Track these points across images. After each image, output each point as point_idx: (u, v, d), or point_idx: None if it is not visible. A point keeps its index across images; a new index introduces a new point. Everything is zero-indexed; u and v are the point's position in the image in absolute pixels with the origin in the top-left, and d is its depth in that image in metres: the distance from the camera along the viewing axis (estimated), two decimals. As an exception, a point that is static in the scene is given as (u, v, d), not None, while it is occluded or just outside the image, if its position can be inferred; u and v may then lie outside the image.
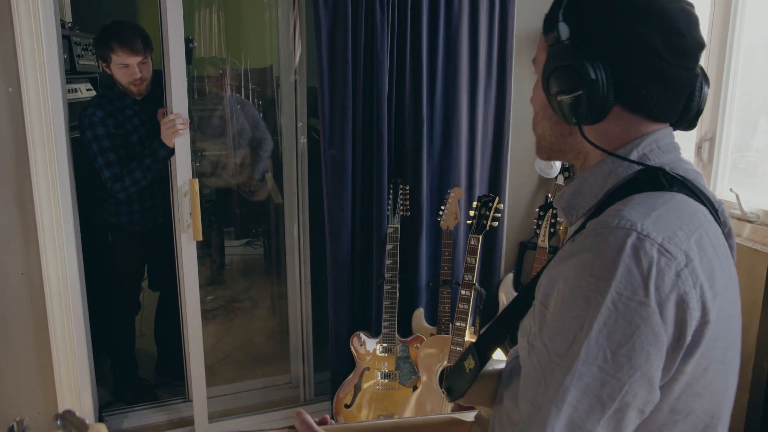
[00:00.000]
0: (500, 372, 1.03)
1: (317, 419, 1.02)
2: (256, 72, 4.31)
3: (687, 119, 0.92)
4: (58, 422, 0.79)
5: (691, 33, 0.85)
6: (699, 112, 0.92)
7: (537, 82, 0.96)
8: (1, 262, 2.27)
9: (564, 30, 0.86)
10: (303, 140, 2.89)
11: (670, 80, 0.85)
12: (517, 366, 0.97)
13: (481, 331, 1.10)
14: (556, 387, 0.77)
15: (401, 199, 2.61)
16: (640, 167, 0.88)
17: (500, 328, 1.02)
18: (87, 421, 0.79)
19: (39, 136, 2.21)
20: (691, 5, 0.88)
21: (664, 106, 0.87)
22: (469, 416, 1.12)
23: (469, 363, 1.02)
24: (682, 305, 0.75)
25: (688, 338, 0.77)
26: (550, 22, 0.88)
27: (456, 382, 1.04)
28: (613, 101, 0.85)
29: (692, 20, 0.86)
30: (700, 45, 0.87)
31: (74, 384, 2.40)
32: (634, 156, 0.88)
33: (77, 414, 0.78)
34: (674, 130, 0.93)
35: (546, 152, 1.00)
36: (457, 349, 2.33)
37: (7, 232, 2.26)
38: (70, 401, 2.38)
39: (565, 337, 0.78)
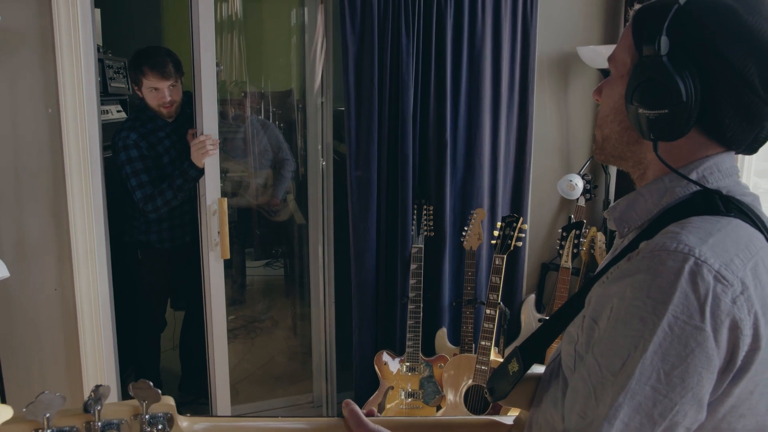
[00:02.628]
0: (539, 376, 1.05)
1: (364, 411, 1.05)
2: (277, 95, 4.39)
3: (752, 147, 0.91)
4: (132, 392, 0.82)
5: None
6: (765, 140, 0.91)
7: (611, 80, 0.95)
8: (36, 278, 2.32)
9: (665, 44, 0.84)
10: (323, 162, 2.94)
11: (755, 114, 0.85)
12: (557, 370, 0.99)
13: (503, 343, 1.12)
14: (608, 404, 0.79)
15: (425, 220, 2.65)
16: (697, 188, 0.88)
17: (546, 333, 1.04)
18: (159, 392, 0.83)
19: (75, 155, 2.28)
20: None
21: (740, 137, 0.87)
22: (508, 419, 1.14)
23: (513, 366, 1.04)
24: (735, 331, 0.77)
25: (739, 363, 0.78)
26: (651, 31, 0.85)
27: (499, 384, 1.06)
28: (694, 124, 0.85)
29: None
30: None
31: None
32: (693, 177, 0.88)
33: (151, 384, 0.82)
34: (736, 153, 0.93)
35: (605, 155, 0.99)
36: (483, 368, 2.34)
37: (42, 248, 2.31)
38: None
39: (618, 355, 0.80)
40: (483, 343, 2.35)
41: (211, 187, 2.53)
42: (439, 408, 2.55)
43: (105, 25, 3.70)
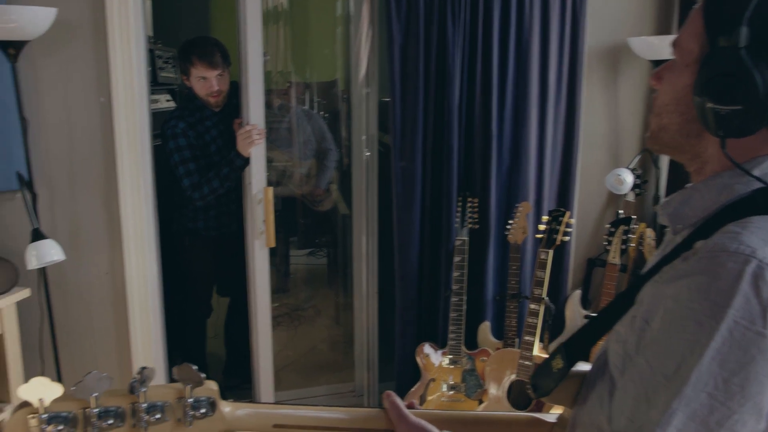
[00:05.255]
0: (584, 374, 1.03)
1: (406, 403, 1.04)
2: (321, 85, 4.41)
3: None
4: (176, 375, 0.84)
5: None
6: None
7: (674, 67, 0.90)
8: (89, 261, 2.39)
9: (744, 35, 0.79)
10: (367, 152, 2.94)
11: None
12: (603, 368, 0.96)
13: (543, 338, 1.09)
14: (661, 409, 0.76)
15: (469, 212, 2.62)
16: (758, 186, 0.83)
17: (593, 331, 1.01)
18: (203, 376, 0.84)
19: (126, 143, 2.34)
20: None
21: None
22: (551, 417, 1.12)
23: (557, 363, 1.01)
24: None
25: None
26: (728, 20, 0.80)
27: (542, 381, 1.04)
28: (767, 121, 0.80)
29: None
30: None
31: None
32: (755, 173, 0.83)
33: (195, 368, 0.83)
34: None
35: (661, 146, 0.95)
36: (526, 363, 2.32)
37: (94, 234, 2.38)
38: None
39: (672, 359, 0.77)
40: (527, 338, 2.32)
41: (257, 176, 2.56)
42: (480, 402, 2.53)
43: (155, 15, 3.78)
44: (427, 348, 2.63)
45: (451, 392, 2.58)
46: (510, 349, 2.48)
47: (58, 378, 2.32)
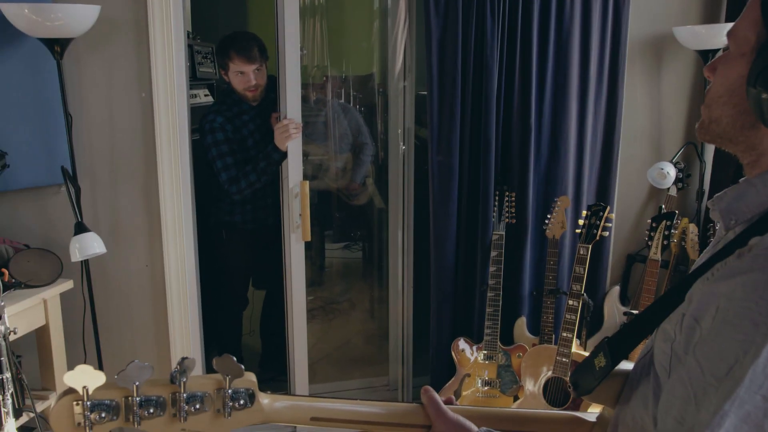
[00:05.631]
0: (627, 372, 1.00)
1: (444, 398, 1.03)
2: (358, 79, 4.41)
3: None
4: (216, 366, 0.85)
5: None
6: None
7: (728, 57, 0.87)
8: (129, 254, 2.44)
9: None
10: (402, 146, 2.93)
11: None
12: (648, 367, 0.93)
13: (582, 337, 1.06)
14: (712, 411, 0.74)
15: (507, 207, 2.59)
16: None
17: (638, 329, 0.98)
18: (242, 367, 0.85)
19: (166, 138, 2.37)
20: None
21: None
22: (590, 416, 1.10)
23: (600, 360, 0.99)
24: None
25: None
26: None
27: (583, 379, 1.01)
28: None
29: None
30: None
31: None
32: None
33: (234, 360, 0.84)
34: None
35: (712, 137, 0.91)
36: (563, 359, 2.28)
37: (134, 227, 2.43)
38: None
39: (724, 360, 0.74)
40: (564, 334, 2.28)
41: (293, 170, 2.57)
42: (516, 398, 2.51)
43: (194, 11, 3.83)
44: (462, 343, 2.62)
45: (486, 388, 2.56)
46: (547, 345, 2.45)
47: (100, 368, 2.37)
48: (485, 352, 2.57)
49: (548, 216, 2.55)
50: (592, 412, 1.14)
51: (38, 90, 2.23)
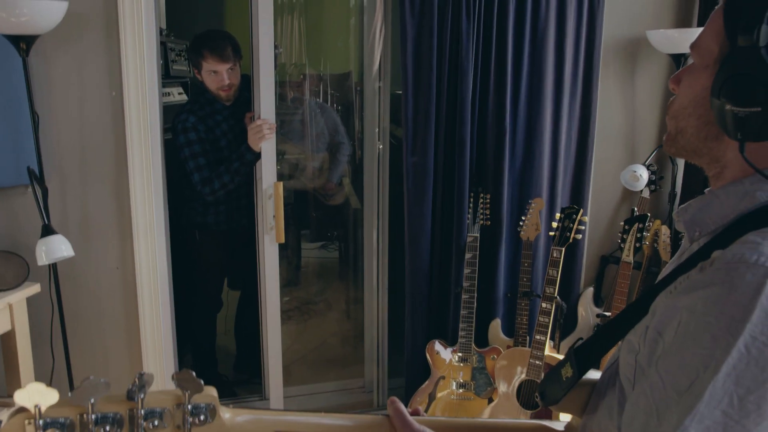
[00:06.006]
0: (594, 382, 1.00)
1: (410, 410, 1.02)
2: (335, 78, 4.39)
3: None
4: (175, 381, 0.82)
5: None
6: None
7: (692, 69, 0.87)
8: (99, 256, 2.39)
9: (765, 34, 0.75)
10: (381, 146, 2.92)
11: None
12: (614, 378, 0.94)
13: (578, 342, 1.06)
14: (672, 425, 0.74)
15: (481, 208, 2.59)
16: None
17: (604, 340, 0.98)
18: (202, 382, 0.83)
19: (137, 137, 2.33)
20: None
21: None
22: (559, 425, 1.10)
23: (567, 371, 0.99)
24: None
25: None
26: (749, 19, 0.77)
27: (551, 389, 1.01)
28: None
29: None
30: None
31: (160, 376, 2.50)
32: None
33: (194, 375, 0.82)
34: None
35: (677, 149, 0.92)
36: (537, 362, 2.29)
37: (104, 228, 2.38)
38: (157, 389, 2.49)
39: (685, 374, 0.74)
40: (538, 337, 2.29)
41: (267, 171, 2.54)
42: (490, 400, 2.51)
43: (168, 8, 3.78)
44: (437, 345, 2.62)
45: (461, 390, 2.56)
46: (521, 347, 2.46)
47: (69, 373, 2.33)
48: (460, 354, 2.57)
49: (523, 218, 2.55)
50: (563, 420, 1.14)
51: (3, 88, 2.17)
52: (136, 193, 2.37)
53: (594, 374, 1.02)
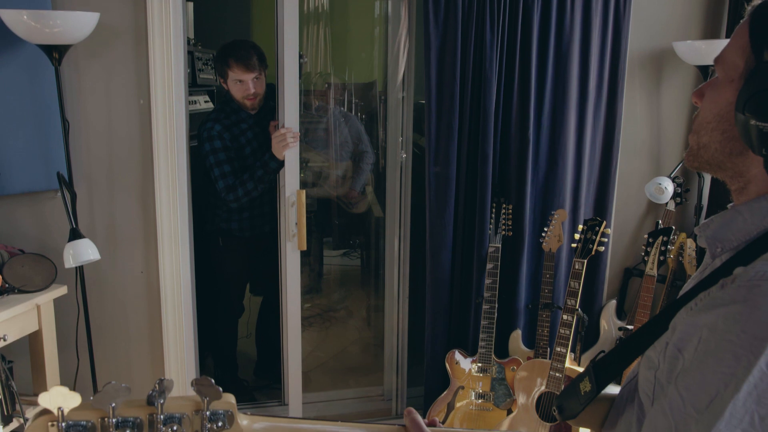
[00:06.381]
0: (613, 397, 1.00)
1: (426, 420, 1.02)
2: (360, 87, 4.42)
3: None
4: (194, 388, 0.84)
5: None
6: None
7: (716, 83, 0.87)
8: (125, 260, 2.44)
9: None
10: (403, 154, 2.93)
11: None
12: (633, 394, 0.93)
13: (599, 356, 1.05)
14: None
15: (503, 219, 2.59)
16: None
17: (624, 355, 0.98)
18: (220, 389, 0.84)
19: (164, 144, 2.37)
20: None
21: None
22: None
23: (585, 385, 0.98)
24: None
25: None
26: None
27: (569, 403, 1.01)
28: None
29: None
30: None
31: (182, 380, 2.53)
32: None
33: (212, 382, 0.83)
34: None
35: (700, 163, 0.90)
36: (557, 375, 2.27)
37: (130, 233, 2.43)
38: (177, 395, 2.52)
39: (706, 392, 0.74)
40: (558, 349, 2.27)
41: (290, 179, 2.57)
42: (509, 411, 2.49)
43: (197, 18, 3.84)
44: (457, 355, 2.61)
45: (480, 400, 2.55)
46: (541, 359, 2.44)
47: (93, 374, 2.37)
48: (479, 364, 2.56)
49: (545, 229, 2.54)
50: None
51: (36, 96, 2.24)
52: (161, 200, 2.41)
53: (613, 389, 1.01)
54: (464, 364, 2.59)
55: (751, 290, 0.73)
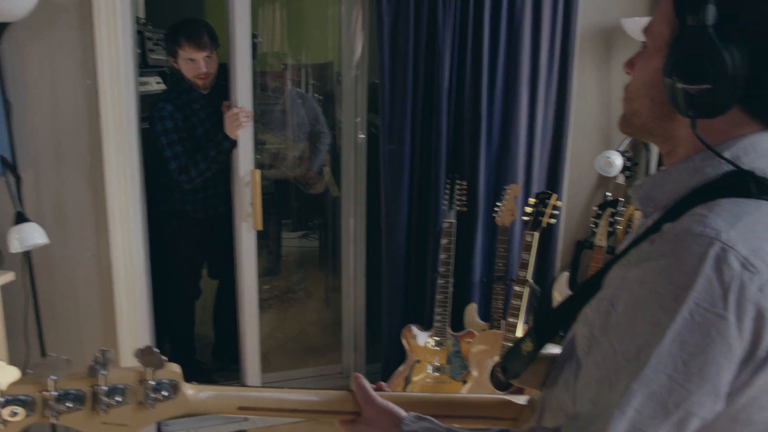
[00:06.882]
0: (554, 357, 1.03)
1: (374, 385, 1.05)
2: (316, 67, 4.39)
3: None
4: (137, 358, 0.84)
5: None
6: None
7: (645, 52, 0.90)
8: (74, 244, 2.39)
9: (711, 13, 0.78)
10: (361, 135, 2.93)
11: None
12: (572, 352, 0.96)
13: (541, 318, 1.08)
14: (621, 390, 0.77)
15: (458, 195, 2.62)
16: (729, 169, 0.83)
17: (562, 315, 1.01)
18: (164, 358, 0.84)
19: (113, 125, 2.32)
20: None
21: None
22: (521, 399, 1.13)
23: (527, 345, 1.02)
24: (760, 321, 0.73)
25: (761, 353, 0.75)
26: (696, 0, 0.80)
27: (512, 363, 1.04)
28: (736, 101, 0.80)
29: None
30: None
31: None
32: (726, 156, 0.83)
33: (156, 351, 0.84)
34: None
35: (633, 129, 0.95)
36: (509, 344, 2.32)
37: (80, 216, 2.38)
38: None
39: (635, 342, 0.78)
40: (510, 320, 2.33)
41: (244, 159, 2.55)
42: (465, 383, 2.54)
43: (148, -3, 3.74)
44: (414, 329, 2.65)
45: (436, 374, 2.59)
46: (494, 331, 2.49)
47: (45, 360, 2.33)
48: (435, 338, 2.60)
49: (498, 204, 2.58)
50: (526, 396, 1.16)
51: (-24, 76, 2.16)
52: (112, 182, 2.36)
53: (555, 349, 1.05)
54: (421, 338, 2.63)
55: (676, 244, 0.77)
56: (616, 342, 0.80)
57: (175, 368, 0.88)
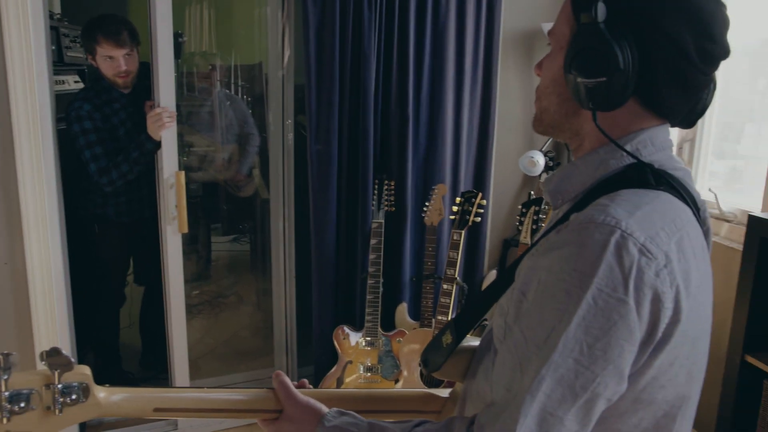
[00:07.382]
0: (474, 348, 1.05)
1: (296, 383, 1.04)
2: (245, 68, 4.32)
3: (688, 119, 0.92)
4: (44, 361, 0.81)
5: (722, 39, 0.85)
6: (702, 113, 0.92)
7: (551, 53, 0.94)
8: (-14, 252, 2.27)
9: (602, 11, 0.84)
10: (290, 136, 2.91)
11: (691, 84, 0.85)
12: (491, 343, 0.99)
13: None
14: (531, 376, 0.79)
15: (386, 195, 2.64)
16: (630, 161, 0.88)
17: (479, 306, 1.04)
18: (73, 360, 0.81)
19: (25, 127, 2.22)
20: (725, 6, 0.86)
21: (677, 108, 0.88)
22: (443, 392, 1.14)
23: (447, 338, 1.04)
24: (657, 303, 0.77)
25: (659, 335, 0.79)
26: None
27: (433, 356, 1.06)
28: (631, 93, 0.85)
29: (726, 25, 0.86)
30: (727, 52, 0.87)
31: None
32: (627, 149, 0.88)
33: (63, 352, 0.80)
34: (672, 126, 0.94)
35: (544, 127, 0.99)
36: (439, 342, 2.36)
37: (-9, 222, 2.26)
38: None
39: (543, 328, 0.80)
40: (440, 318, 2.36)
41: (168, 160, 2.49)
42: (397, 381, 2.56)
43: (65, -7, 3.60)
44: (345, 330, 2.64)
45: (368, 374, 2.60)
46: (425, 329, 2.52)
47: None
48: (367, 338, 2.60)
49: (426, 203, 2.62)
50: (448, 389, 1.18)
51: None
52: (25, 186, 2.25)
53: (476, 341, 1.07)
54: (352, 339, 2.63)
55: (580, 232, 0.80)
56: (526, 329, 0.83)
57: (85, 370, 0.85)
